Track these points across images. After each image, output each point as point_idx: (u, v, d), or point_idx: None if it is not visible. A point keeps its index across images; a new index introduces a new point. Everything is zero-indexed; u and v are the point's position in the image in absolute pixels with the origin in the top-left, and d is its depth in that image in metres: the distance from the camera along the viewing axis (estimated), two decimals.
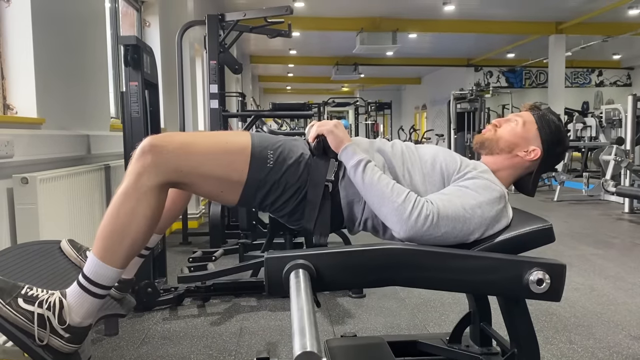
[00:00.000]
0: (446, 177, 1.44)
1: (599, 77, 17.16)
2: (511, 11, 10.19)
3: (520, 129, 1.56)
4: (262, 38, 11.33)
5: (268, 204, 1.43)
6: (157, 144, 1.31)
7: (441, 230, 1.30)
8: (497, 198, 1.38)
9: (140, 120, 2.67)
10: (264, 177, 1.38)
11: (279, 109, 4.26)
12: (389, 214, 1.31)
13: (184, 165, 1.32)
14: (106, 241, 1.30)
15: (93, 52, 3.26)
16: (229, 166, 1.37)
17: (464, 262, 1.27)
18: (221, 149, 1.38)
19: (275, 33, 4.32)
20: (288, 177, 1.40)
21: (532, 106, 1.63)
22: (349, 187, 1.43)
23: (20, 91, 2.47)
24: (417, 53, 14.89)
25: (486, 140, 1.58)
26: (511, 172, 1.57)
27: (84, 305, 1.30)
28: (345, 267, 1.26)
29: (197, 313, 2.76)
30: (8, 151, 2.16)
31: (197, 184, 1.38)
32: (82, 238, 2.50)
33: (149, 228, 1.33)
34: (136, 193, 1.30)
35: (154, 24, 5.01)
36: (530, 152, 1.54)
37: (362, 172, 1.35)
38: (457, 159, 1.48)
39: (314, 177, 1.41)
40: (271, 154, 1.40)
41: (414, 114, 22.76)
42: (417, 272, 1.27)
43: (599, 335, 2.43)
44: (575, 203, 6.91)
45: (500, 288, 1.30)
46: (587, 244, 4.41)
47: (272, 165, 1.39)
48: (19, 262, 1.49)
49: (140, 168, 1.30)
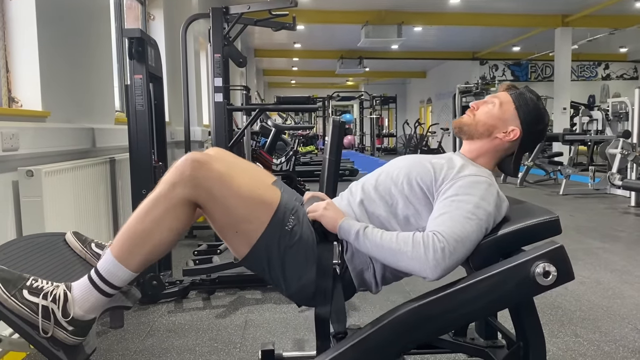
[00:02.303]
0: (427, 190, 1.42)
1: (606, 70, 17.04)
2: (517, 4, 10.12)
3: (497, 110, 1.53)
4: (266, 31, 11.31)
5: (274, 275, 1.40)
6: (201, 160, 1.32)
7: (462, 250, 1.28)
8: (487, 187, 1.37)
9: (144, 113, 2.67)
10: (278, 237, 1.37)
11: (283, 102, 4.25)
12: (408, 266, 1.29)
13: (217, 191, 1.32)
14: (127, 243, 1.31)
15: (98, 45, 3.26)
16: (253, 213, 1.36)
17: (472, 291, 1.26)
18: (254, 194, 1.37)
19: (280, 26, 4.29)
20: (300, 246, 1.39)
21: (509, 86, 1.59)
22: (354, 258, 1.43)
23: (25, 84, 2.48)
24: (422, 46, 14.82)
25: (464, 125, 1.56)
26: (493, 155, 1.55)
27: (89, 300, 1.30)
28: (367, 356, 1.25)
29: (202, 306, 2.77)
30: (13, 144, 2.17)
31: (219, 213, 1.36)
32: (87, 230, 2.50)
33: (171, 240, 1.34)
34: (166, 202, 1.30)
35: (159, 17, 5.00)
36: (509, 133, 1.51)
37: (364, 239, 1.33)
38: (429, 167, 1.45)
39: (321, 265, 1.39)
40: (292, 218, 1.40)
41: (419, 108, 22.70)
42: (438, 323, 1.27)
43: (605, 328, 2.42)
44: (581, 197, 6.88)
45: (515, 295, 1.29)
46: (593, 237, 4.39)
47: (289, 229, 1.38)
48: (24, 254, 1.50)
49: (176, 178, 1.30)
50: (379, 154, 17.87)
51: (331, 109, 16.47)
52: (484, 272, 1.28)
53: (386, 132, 20.39)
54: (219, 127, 3.70)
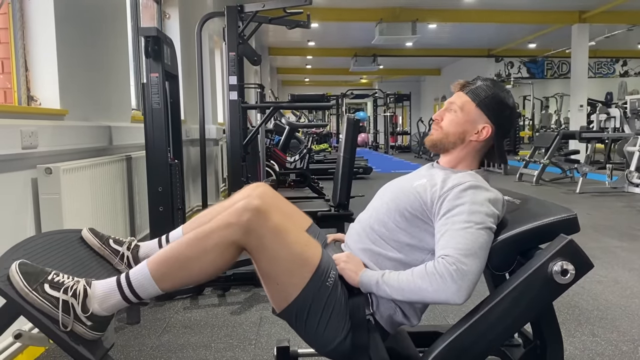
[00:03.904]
0: (421, 216, 1.40)
1: (624, 67, 16.80)
2: (533, 0, 10.02)
3: (460, 116, 1.49)
4: (280, 30, 11.33)
5: (311, 327, 1.39)
6: (262, 210, 1.32)
7: (475, 262, 1.27)
8: (473, 191, 1.35)
9: (161, 111, 2.69)
10: (317, 293, 1.36)
11: (297, 100, 4.26)
12: (434, 299, 1.28)
13: (268, 242, 1.33)
14: (167, 264, 1.33)
15: (114, 44, 3.29)
16: (298, 268, 1.36)
17: (497, 311, 1.26)
18: (300, 248, 1.37)
19: (294, 24, 4.30)
20: (338, 302, 1.38)
21: (461, 84, 1.54)
22: (379, 306, 1.42)
23: (44, 83, 2.51)
24: (437, 44, 14.73)
25: (437, 142, 1.53)
26: (473, 156, 1.52)
27: (111, 301, 1.32)
28: None
29: (217, 302, 2.79)
30: (32, 142, 2.20)
31: (265, 262, 1.36)
32: (104, 227, 2.54)
33: (208, 274, 1.36)
34: (217, 238, 1.31)
35: (174, 16, 5.03)
36: (482, 132, 1.48)
37: (386, 287, 1.32)
38: (413, 193, 1.42)
39: (355, 318, 1.38)
40: (334, 274, 1.39)
41: (434, 106, 22.56)
42: (473, 352, 1.28)
43: (623, 328, 2.39)
44: (598, 195, 6.79)
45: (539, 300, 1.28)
46: (610, 236, 4.33)
47: (330, 285, 1.38)
48: (43, 250, 1.51)
49: (234, 219, 1.31)
50: (392, 152, 17.82)
51: (345, 106, 16.46)
52: (502, 289, 1.28)
53: (400, 130, 20.30)
54: (233, 125, 3.72)
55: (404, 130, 20.53)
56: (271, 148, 5.86)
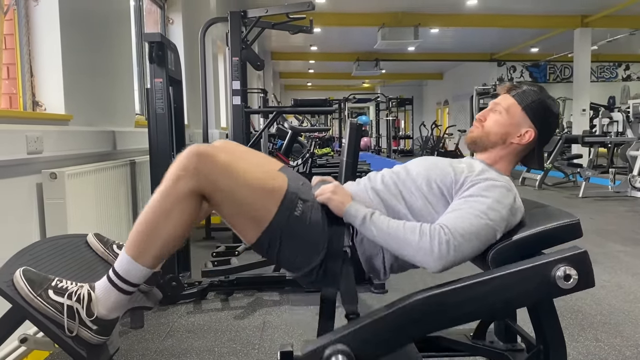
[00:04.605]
0: (446, 192, 1.42)
1: (626, 71, 16.78)
2: (535, 5, 10.02)
3: (505, 117, 1.51)
4: (283, 34, 11.34)
5: (285, 258, 1.41)
6: (204, 152, 1.31)
7: (468, 246, 1.28)
8: (505, 192, 1.36)
9: (165, 116, 2.70)
10: (285, 223, 1.37)
11: (300, 105, 4.27)
12: (412, 255, 1.30)
13: (222, 182, 1.32)
14: (139, 240, 1.33)
15: (118, 49, 3.31)
16: (261, 201, 1.36)
17: (490, 286, 1.25)
18: (260, 182, 1.38)
19: (297, 29, 4.32)
20: (310, 231, 1.39)
21: (508, 87, 1.57)
22: (364, 243, 1.43)
23: (49, 88, 2.53)
24: (439, 48, 14.76)
25: (477, 139, 1.55)
26: (511, 159, 1.54)
27: (111, 299, 1.33)
28: (379, 337, 1.24)
29: (220, 307, 2.79)
30: (38, 147, 2.21)
31: (225, 205, 1.37)
32: (108, 231, 2.54)
33: (182, 232, 1.35)
34: (172, 197, 1.31)
35: (177, 21, 5.06)
36: (524, 135, 1.50)
37: (371, 225, 1.33)
38: (449, 170, 1.44)
39: (331, 247, 1.40)
40: (301, 203, 1.40)
41: (436, 110, 22.58)
42: (453, 313, 1.26)
43: (627, 333, 2.39)
44: (601, 199, 6.79)
45: (533, 296, 1.28)
46: (614, 241, 4.33)
47: (299, 214, 1.38)
48: (49, 255, 1.53)
49: (181, 171, 1.30)
50: (395, 156, 17.81)
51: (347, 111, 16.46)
52: (505, 268, 1.28)
53: (402, 134, 20.30)
54: (236, 129, 3.74)
55: (406, 134, 20.53)
56: (274, 152, 5.87)
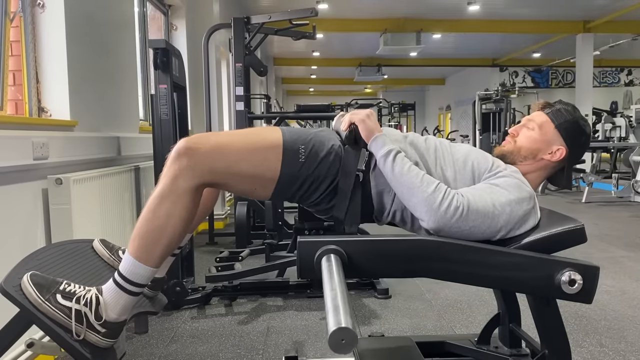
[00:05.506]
0: (477, 175, 1.43)
1: (628, 76, 16.78)
2: (537, 10, 10.03)
3: (538, 134, 1.53)
4: (285, 40, 11.36)
5: (300, 196, 1.46)
6: (191, 146, 1.34)
7: (469, 223, 1.29)
8: (527, 198, 1.37)
9: (169, 122, 2.72)
10: (297, 172, 1.40)
11: (303, 110, 4.29)
12: (418, 203, 1.31)
13: (218, 165, 1.35)
14: (142, 241, 1.34)
15: (123, 56, 3.33)
16: (262, 164, 1.39)
17: (495, 258, 1.27)
18: (253, 147, 1.40)
19: (300, 35, 4.34)
20: (320, 169, 1.42)
21: (543, 105, 1.59)
22: (379, 177, 1.43)
23: (54, 95, 2.54)
24: (441, 53, 14.77)
25: (506, 153, 1.56)
26: (539, 174, 1.56)
27: (119, 301, 1.34)
28: (375, 255, 1.27)
29: (224, 312, 2.80)
30: (43, 153, 2.23)
31: (231, 183, 1.41)
32: (114, 237, 2.55)
33: (184, 228, 1.36)
34: (172, 195, 1.32)
35: (181, 28, 5.09)
36: (555, 153, 1.52)
37: (392, 162, 1.35)
38: (490, 159, 1.47)
39: (345, 167, 1.42)
40: (303, 148, 1.42)
41: (438, 115, 22.59)
42: (447, 265, 1.27)
43: (631, 338, 2.39)
44: (604, 205, 6.78)
45: (531, 286, 1.29)
46: (617, 246, 4.32)
47: (304, 159, 1.41)
48: (55, 260, 1.54)
49: (176, 171, 1.32)
50: None
51: None
52: (518, 249, 1.30)
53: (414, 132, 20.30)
54: None
55: None
56: None
